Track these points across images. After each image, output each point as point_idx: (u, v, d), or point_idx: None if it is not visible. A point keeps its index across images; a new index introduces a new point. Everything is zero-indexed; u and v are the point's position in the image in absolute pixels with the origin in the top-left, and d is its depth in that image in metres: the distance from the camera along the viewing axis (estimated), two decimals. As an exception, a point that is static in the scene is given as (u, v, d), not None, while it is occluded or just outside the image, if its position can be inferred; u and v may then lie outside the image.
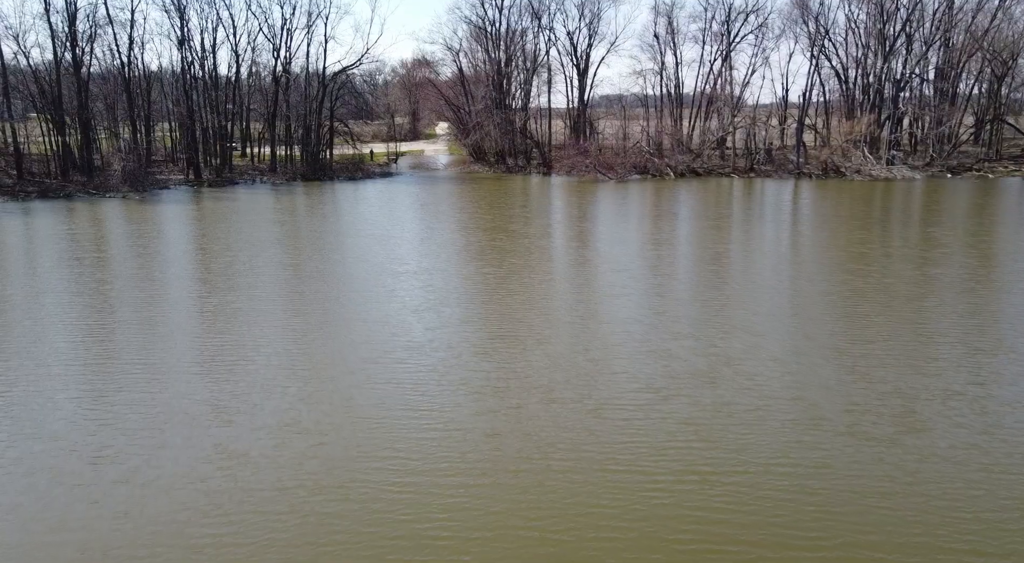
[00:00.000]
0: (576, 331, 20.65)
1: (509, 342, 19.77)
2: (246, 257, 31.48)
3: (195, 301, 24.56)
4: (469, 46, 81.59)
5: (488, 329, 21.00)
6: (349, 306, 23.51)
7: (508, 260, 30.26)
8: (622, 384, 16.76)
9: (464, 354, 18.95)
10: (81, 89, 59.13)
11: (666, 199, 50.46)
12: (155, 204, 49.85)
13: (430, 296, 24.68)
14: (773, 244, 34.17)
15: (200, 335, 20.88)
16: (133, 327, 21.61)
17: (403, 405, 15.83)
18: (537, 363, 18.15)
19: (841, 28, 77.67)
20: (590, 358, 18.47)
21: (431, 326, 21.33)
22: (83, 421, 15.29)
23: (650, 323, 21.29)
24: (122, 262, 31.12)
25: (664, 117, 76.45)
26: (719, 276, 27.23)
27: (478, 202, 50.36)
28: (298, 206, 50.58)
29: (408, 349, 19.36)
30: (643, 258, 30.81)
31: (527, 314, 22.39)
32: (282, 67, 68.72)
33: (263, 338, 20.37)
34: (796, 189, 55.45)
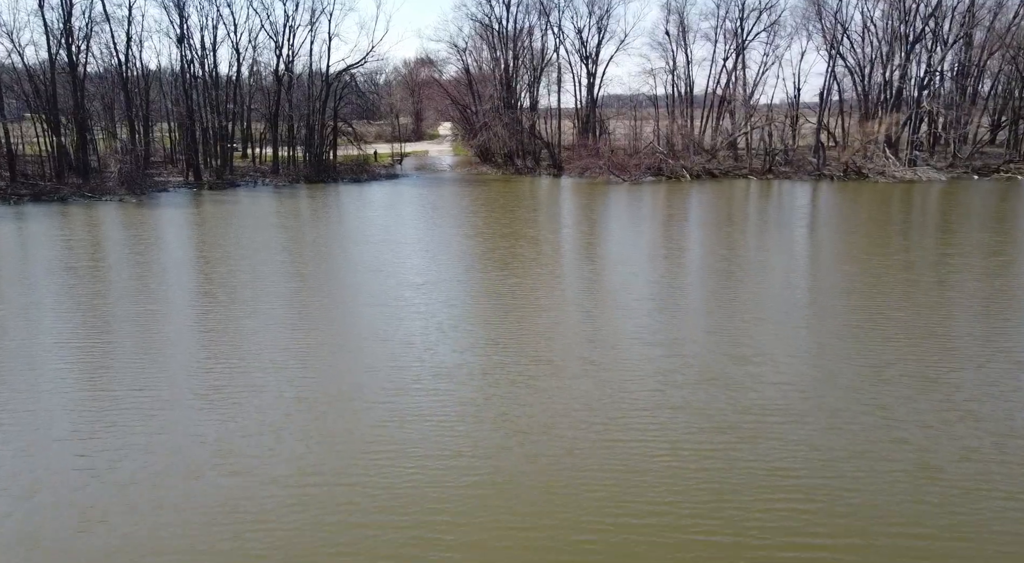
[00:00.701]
0: (623, 355, 18.54)
1: (549, 368, 17.67)
2: (249, 266, 29.37)
3: (196, 318, 22.45)
4: (475, 44, 79.56)
5: (524, 352, 18.88)
6: (366, 323, 21.39)
7: (532, 270, 28.16)
8: (691, 421, 14.65)
9: (501, 382, 16.84)
10: (77, 88, 56.97)
11: (687, 203, 48.35)
12: (153, 208, 47.72)
13: (454, 311, 22.57)
14: (828, 254, 32.04)
15: (202, 360, 18.76)
16: (128, 350, 19.49)
17: (437, 446, 13.73)
18: (586, 394, 16.04)
19: (857, 26, 75.83)
20: (647, 387, 16.34)
21: (459, 347, 19.22)
22: (70, 470, 13.17)
23: (704, 343, 19.19)
24: (118, 272, 29.00)
25: (676, 117, 74.38)
26: (771, 291, 25.14)
27: (491, 205, 48.25)
28: (302, 209, 48.46)
29: (437, 376, 17.24)
30: (682, 269, 28.71)
31: (564, 333, 20.28)
32: (284, 65, 66.63)
33: (272, 363, 18.25)
34: (821, 191, 53.34)
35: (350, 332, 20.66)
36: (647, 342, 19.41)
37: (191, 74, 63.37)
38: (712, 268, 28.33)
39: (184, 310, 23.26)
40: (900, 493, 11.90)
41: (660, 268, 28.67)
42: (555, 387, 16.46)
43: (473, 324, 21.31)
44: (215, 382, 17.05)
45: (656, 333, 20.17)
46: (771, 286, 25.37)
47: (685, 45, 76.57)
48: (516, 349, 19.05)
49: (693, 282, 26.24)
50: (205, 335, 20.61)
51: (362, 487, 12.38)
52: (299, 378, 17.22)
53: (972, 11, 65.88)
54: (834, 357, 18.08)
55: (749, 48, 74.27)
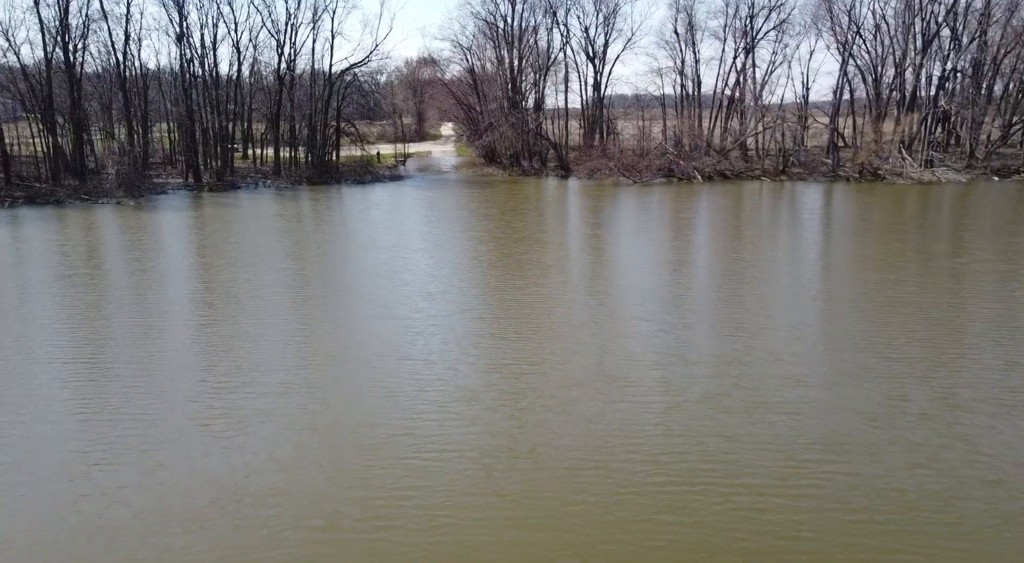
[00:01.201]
0: (664, 375, 16.99)
1: (583, 391, 16.13)
2: (252, 274, 27.82)
3: (197, 333, 20.89)
4: (479, 43, 78.02)
5: (553, 372, 17.34)
6: (382, 338, 19.84)
7: (551, 278, 26.63)
8: (751, 459, 13.13)
9: (534, 407, 15.30)
10: (73, 87, 55.41)
11: (704, 206, 46.83)
12: (152, 211, 46.16)
13: (474, 325, 21.02)
14: (872, 263, 30.52)
15: (204, 383, 17.21)
16: (124, 370, 17.95)
17: (471, 486, 12.20)
18: (629, 422, 14.50)
19: (869, 24, 74.33)
20: (696, 415, 14.80)
21: (483, 367, 17.69)
22: (53, 520, 11.64)
23: (751, 361, 17.64)
24: (115, 280, 27.45)
25: (685, 117, 72.83)
26: (818, 305, 23.61)
27: (501, 208, 46.74)
28: (306, 212, 46.93)
29: (462, 400, 15.71)
30: (715, 279, 27.16)
31: (594, 350, 18.74)
32: (286, 64, 65.06)
33: (280, 386, 16.71)
34: (841, 194, 51.81)
35: (364, 348, 19.12)
36: (689, 360, 17.89)
37: (191, 73, 61.82)
38: (746, 278, 26.80)
39: (184, 324, 21.72)
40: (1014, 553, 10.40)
41: (689, 278, 27.13)
42: (593, 413, 14.94)
43: (495, 340, 19.77)
44: (218, 408, 15.52)
45: (697, 350, 18.64)
46: (817, 299, 23.84)
47: (693, 44, 75.15)
48: (545, 369, 17.52)
49: (729, 295, 24.70)
50: (207, 353, 19.07)
51: (389, 542, 10.85)
52: (310, 403, 15.69)
53: (988, 9, 64.40)
54: (899, 379, 16.55)
55: (758, 47, 72.81)
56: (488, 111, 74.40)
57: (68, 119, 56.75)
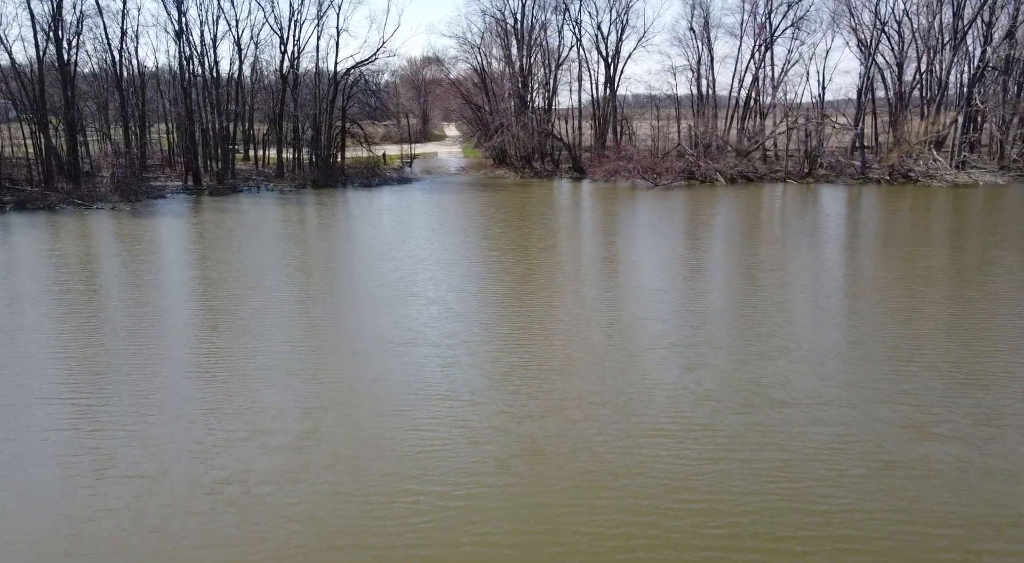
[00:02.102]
0: (767, 419, 14.37)
1: (684, 444, 13.50)
2: (258, 290, 25.14)
3: (200, 364, 18.22)
4: (488, 41, 75.41)
5: (633, 415, 14.71)
6: (413, 371, 17.15)
7: (595, 295, 23.99)
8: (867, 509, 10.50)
9: (594, 450, 12.68)
10: (67, 85, 52.70)
11: (735, 211, 44.19)
12: (149, 217, 43.46)
13: (523, 355, 18.32)
14: (948, 277, 27.89)
15: (209, 435, 14.56)
16: (119, 411, 15.29)
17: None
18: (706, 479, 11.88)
19: (891, 20, 71.74)
20: (760, 461, 12.16)
21: (543, 409, 15.02)
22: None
23: (822, 401, 15.01)
24: (109, 299, 24.77)
25: (702, 117, 70.22)
26: (895, 331, 20.98)
27: (519, 213, 44.12)
28: (312, 218, 44.28)
29: (528, 456, 13.06)
30: (776, 299, 24.53)
31: (664, 393, 16.10)
32: (289, 62, 62.40)
33: (299, 436, 14.06)
34: (877, 197, 49.18)
35: (395, 384, 16.45)
36: (760, 398, 15.23)
37: (190, 71, 59.11)
38: (805, 295, 24.17)
39: (186, 353, 19.05)
40: None
41: (741, 298, 24.45)
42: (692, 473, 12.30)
43: (546, 373, 17.09)
44: (227, 468, 12.86)
45: (757, 385, 16.00)
46: (894, 323, 21.18)
47: (709, 42, 72.62)
48: (613, 409, 14.87)
49: (794, 320, 22.04)
50: (212, 392, 16.38)
51: None
52: (336, 463, 13.04)
53: (1020, 3, 61.79)
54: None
55: (776, 44, 70.24)
56: (499, 111, 71.79)
57: (62, 120, 54.12)
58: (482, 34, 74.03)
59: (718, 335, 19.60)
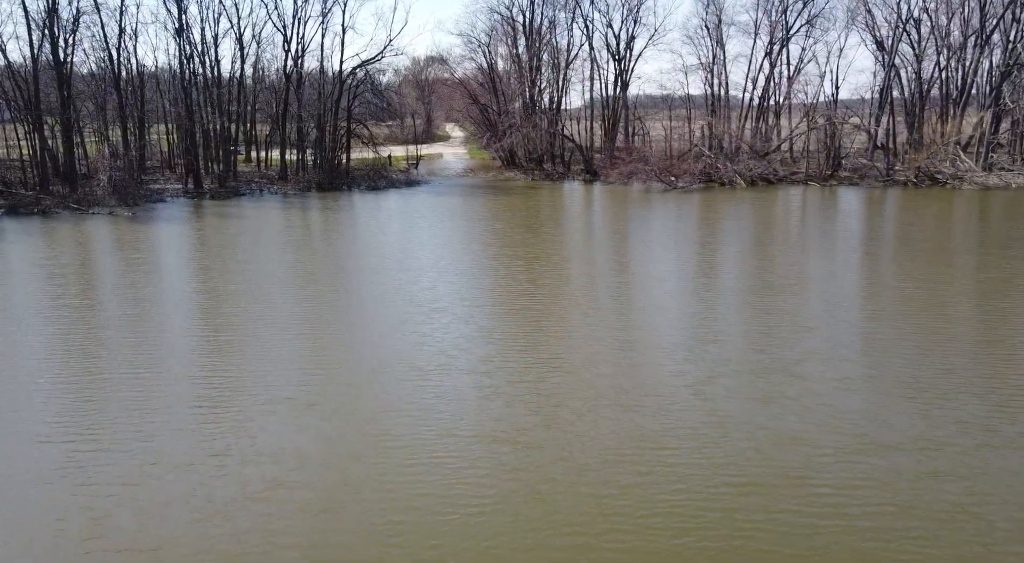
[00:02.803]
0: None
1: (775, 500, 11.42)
2: (266, 306, 23.04)
3: (206, 400, 16.13)
4: (496, 39, 73.27)
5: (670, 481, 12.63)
6: (455, 407, 15.05)
7: (645, 311, 21.93)
8: None
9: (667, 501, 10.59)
10: (63, 85, 50.57)
11: (766, 217, 42.14)
12: (148, 223, 41.32)
13: (570, 380, 16.23)
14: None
15: (217, 498, 12.48)
16: (118, 470, 13.21)
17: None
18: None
19: (908, 15, 69.68)
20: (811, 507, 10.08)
21: (595, 438, 12.94)
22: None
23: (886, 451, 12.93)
24: (106, 317, 22.67)
25: (718, 117, 68.17)
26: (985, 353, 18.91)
27: (537, 218, 42.09)
28: (320, 224, 42.21)
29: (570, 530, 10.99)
30: (860, 318, 22.46)
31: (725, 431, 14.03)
32: (293, 61, 60.28)
33: (322, 502, 11.99)
34: (909, 200, 47.11)
35: (433, 420, 14.37)
36: (857, 442, 13.15)
37: (190, 70, 57.00)
38: (875, 313, 22.10)
39: (189, 383, 16.96)
40: None
41: (803, 316, 22.38)
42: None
43: (609, 408, 15.01)
44: (239, 539, 10.77)
45: (848, 424, 13.92)
46: (986, 348, 19.11)
47: (722, 40, 70.57)
48: (689, 466, 12.80)
49: (872, 344, 19.97)
50: (220, 434, 14.28)
51: None
52: (376, 517, 10.95)
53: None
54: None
55: (790, 42, 68.21)
56: (508, 111, 69.72)
57: (58, 120, 52.03)
58: (490, 32, 71.87)
59: (786, 361, 17.51)
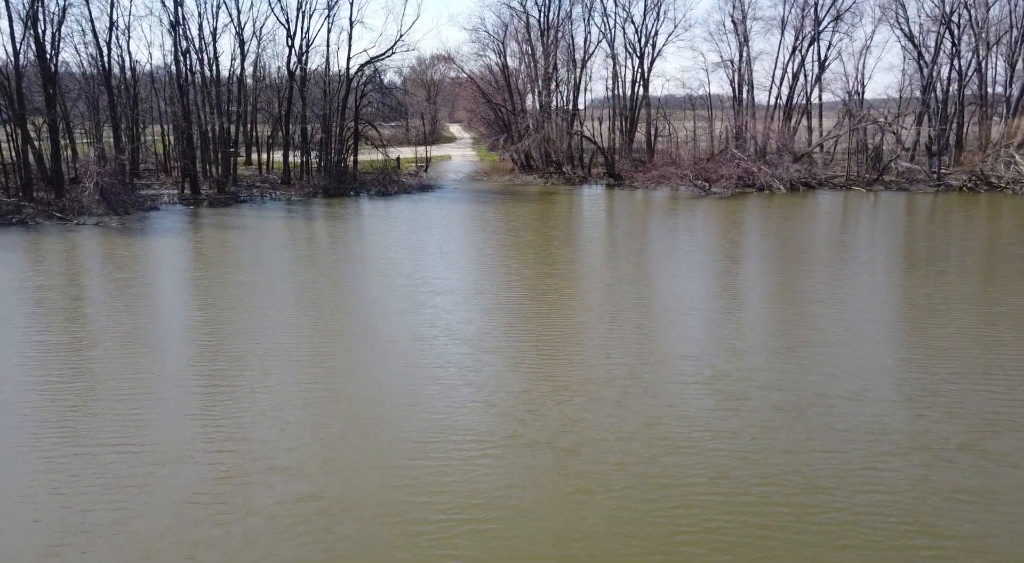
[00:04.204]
0: None
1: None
2: (270, 342, 19.03)
3: (205, 460, 12.11)
4: (509, 35, 69.25)
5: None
6: (511, 461, 11.08)
7: (723, 344, 17.92)
8: None
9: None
10: (47, 83, 46.58)
11: (836, 229, 38.12)
12: (139, 235, 37.23)
13: (650, 430, 12.25)
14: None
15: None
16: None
17: None
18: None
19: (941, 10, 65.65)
20: None
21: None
22: None
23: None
24: (91, 362, 18.66)
25: (740, 116, 64.24)
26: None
27: (570, 230, 38.10)
28: (329, 237, 38.18)
29: None
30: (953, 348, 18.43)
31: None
32: (297, 58, 56.29)
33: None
34: (981, 208, 43.10)
35: (481, 478, 10.37)
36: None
37: (186, 67, 52.94)
38: (970, 343, 18.09)
39: (188, 441, 12.92)
40: None
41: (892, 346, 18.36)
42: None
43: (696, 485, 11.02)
44: None
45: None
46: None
47: (747, 36, 66.62)
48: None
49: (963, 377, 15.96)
50: (216, 492, 10.26)
51: None
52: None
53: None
54: None
55: (821, 39, 64.36)
56: (523, 111, 65.73)
57: (45, 121, 48.05)
58: (505, 27, 67.84)
59: (884, 390, 13.50)
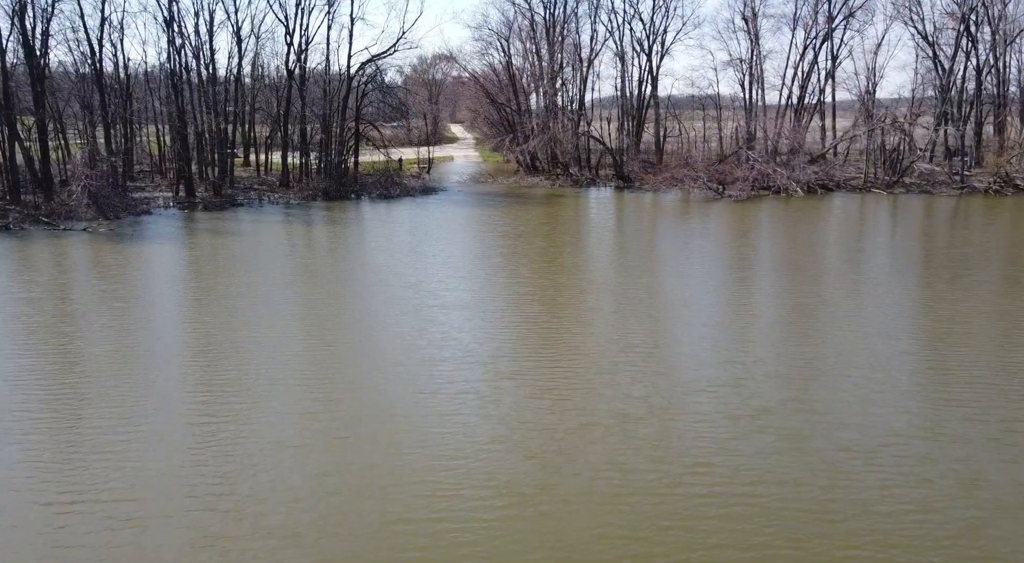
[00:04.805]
0: None
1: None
2: (269, 367, 17.12)
3: (199, 519, 10.20)
4: (514, 32, 67.31)
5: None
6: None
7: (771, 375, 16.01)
8: None
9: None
10: (35, 82, 44.65)
11: (878, 234, 36.22)
12: (128, 241, 35.24)
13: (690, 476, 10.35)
14: None
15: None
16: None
17: None
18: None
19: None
20: None
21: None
22: None
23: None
24: (71, 383, 16.74)
25: (751, 116, 62.31)
26: None
27: (588, 237, 36.21)
28: (330, 244, 36.25)
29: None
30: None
31: None
32: (296, 55, 54.32)
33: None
34: (1017, 211, 41.22)
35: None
36: None
37: (180, 65, 50.96)
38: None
39: (162, 496, 11.01)
40: None
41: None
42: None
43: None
44: None
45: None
46: None
47: (757, 34, 64.69)
48: None
49: None
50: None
51: None
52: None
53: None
54: None
55: (826, 39, 62.49)
56: (530, 111, 63.83)
57: (34, 120, 46.13)
58: (509, 25, 65.90)
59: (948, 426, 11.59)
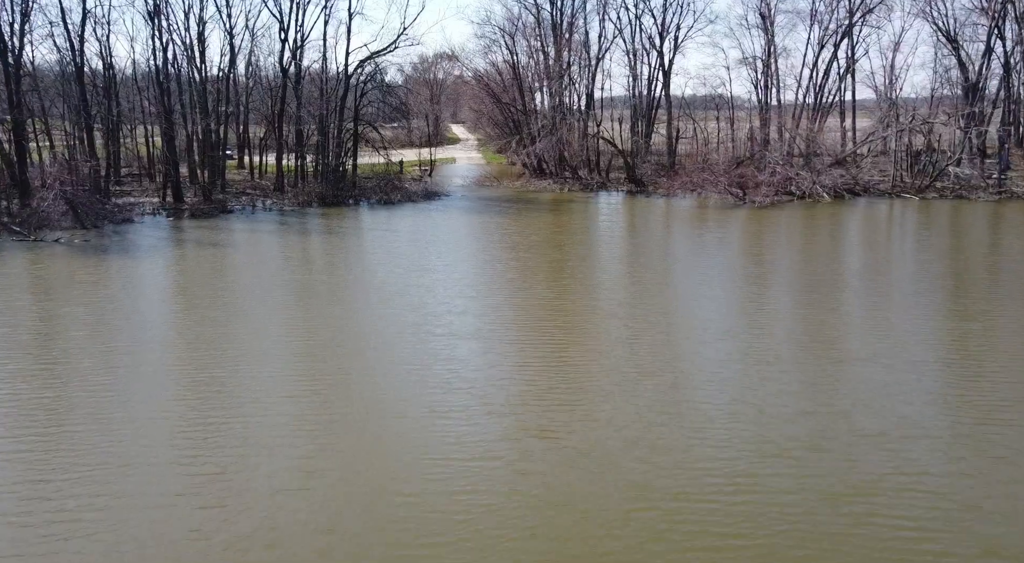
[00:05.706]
0: None
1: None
2: (237, 410, 14.07)
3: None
4: (521, 31, 64.39)
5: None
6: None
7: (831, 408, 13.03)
8: None
9: None
10: (10, 78, 41.56)
11: (946, 249, 33.32)
12: (102, 255, 32.03)
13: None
14: None
15: None
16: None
17: None
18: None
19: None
20: None
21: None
22: None
23: None
24: (37, 433, 13.69)
25: (769, 117, 59.56)
26: None
27: (612, 248, 33.24)
28: (328, 258, 33.21)
29: None
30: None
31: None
32: (291, 53, 51.27)
33: None
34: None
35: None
36: None
37: (165, 61, 47.83)
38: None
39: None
40: None
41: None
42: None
43: None
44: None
45: None
46: None
47: (772, 32, 61.90)
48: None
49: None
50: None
51: None
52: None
53: None
54: None
55: (843, 37, 59.78)
56: (537, 112, 60.90)
57: (12, 121, 43.03)
58: (515, 21, 62.98)
59: None
